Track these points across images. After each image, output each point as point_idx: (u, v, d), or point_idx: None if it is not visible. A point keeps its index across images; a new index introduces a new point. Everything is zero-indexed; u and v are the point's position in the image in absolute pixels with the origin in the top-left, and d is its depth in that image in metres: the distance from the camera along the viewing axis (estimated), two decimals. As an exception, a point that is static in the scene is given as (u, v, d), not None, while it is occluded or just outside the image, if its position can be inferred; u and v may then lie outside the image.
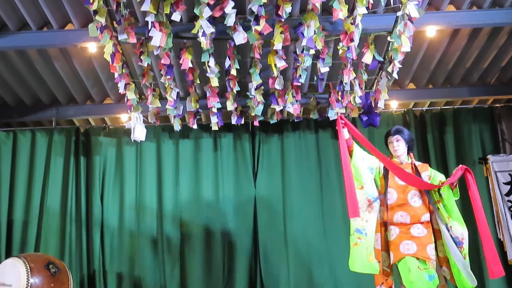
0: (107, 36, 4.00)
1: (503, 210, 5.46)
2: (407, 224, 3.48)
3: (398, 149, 3.64)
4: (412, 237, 3.42)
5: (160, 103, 5.10)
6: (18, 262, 4.03)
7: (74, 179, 5.86)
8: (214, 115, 5.24)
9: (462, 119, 5.93)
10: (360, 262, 3.45)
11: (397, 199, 3.54)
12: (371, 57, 4.35)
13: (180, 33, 4.40)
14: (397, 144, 3.64)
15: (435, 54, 5.37)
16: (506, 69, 5.71)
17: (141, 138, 5.08)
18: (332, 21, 4.30)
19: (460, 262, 3.42)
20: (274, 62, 4.33)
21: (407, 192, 3.55)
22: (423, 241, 3.41)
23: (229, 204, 5.85)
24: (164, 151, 6.00)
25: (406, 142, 3.66)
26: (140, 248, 5.72)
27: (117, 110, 5.97)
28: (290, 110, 5.17)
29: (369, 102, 5.16)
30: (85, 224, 5.75)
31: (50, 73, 5.44)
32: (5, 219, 5.67)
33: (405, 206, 3.51)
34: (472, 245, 5.53)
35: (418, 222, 3.47)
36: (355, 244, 3.48)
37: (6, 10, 4.45)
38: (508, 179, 5.55)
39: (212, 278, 5.64)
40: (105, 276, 5.65)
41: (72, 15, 4.50)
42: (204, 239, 5.76)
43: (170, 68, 4.54)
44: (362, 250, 3.46)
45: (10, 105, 5.98)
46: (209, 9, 3.73)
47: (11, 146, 5.89)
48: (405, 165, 3.64)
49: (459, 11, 4.65)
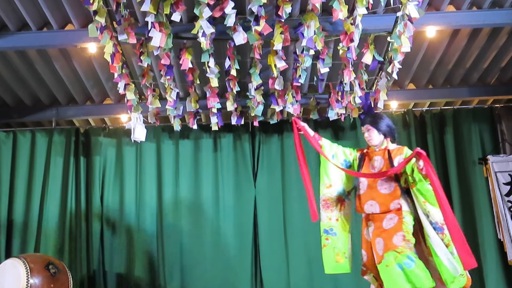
0: (107, 36, 4.00)
1: (503, 211, 5.46)
2: (379, 214, 3.30)
3: (370, 138, 3.49)
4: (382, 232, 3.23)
5: (160, 103, 5.10)
6: (18, 263, 4.03)
7: (74, 180, 5.86)
8: (214, 116, 5.24)
9: (462, 120, 5.93)
10: (329, 263, 3.41)
11: (367, 187, 3.39)
12: (371, 58, 4.35)
13: (180, 34, 4.40)
14: (368, 134, 3.50)
15: (435, 55, 5.37)
16: (506, 69, 5.71)
17: (141, 138, 5.08)
18: (332, 22, 4.30)
19: (440, 249, 3.13)
20: (274, 63, 4.33)
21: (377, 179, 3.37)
22: (390, 232, 3.20)
23: (229, 204, 5.85)
24: (164, 151, 6.00)
25: (379, 129, 3.46)
26: (140, 248, 5.72)
27: (117, 111, 5.97)
28: (290, 110, 5.17)
29: (369, 102, 5.16)
30: (85, 224, 5.74)
31: (50, 73, 5.44)
32: (5, 219, 5.66)
33: (374, 194, 3.33)
34: (471, 245, 5.56)
35: (388, 210, 3.27)
36: (324, 246, 3.44)
37: (6, 10, 4.45)
38: (508, 179, 5.55)
39: (212, 278, 5.64)
40: (105, 276, 5.65)
41: (72, 16, 4.50)
42: (204, 239, 5.76)
43: (170, 69, 4.54)
44: (329, 251, 3.41)
45: (10, 106, 5.98)
46: (209, 10, 3.73)
47: (11, 146, 5.89)
48: (378, 152, 3.45)
49: (459, 12, 4.65)
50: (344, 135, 5.98)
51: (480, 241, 5.53)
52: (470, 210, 5.66)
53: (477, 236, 5.56)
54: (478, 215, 5.61)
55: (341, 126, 5.95)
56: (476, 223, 5.59)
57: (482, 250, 5.50)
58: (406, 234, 3.17)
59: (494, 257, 5.47)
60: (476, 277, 5.50)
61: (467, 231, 5.59)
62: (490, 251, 5.49)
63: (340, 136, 5.97)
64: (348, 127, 5.98)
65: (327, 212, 3.51)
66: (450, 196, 5.72)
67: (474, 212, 5.63)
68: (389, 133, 3.49)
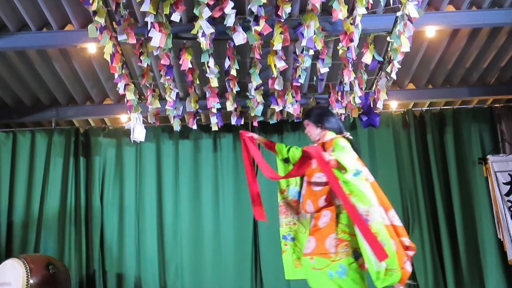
0: (106, 36, 3.99)
1: (503, 210, 5.46)
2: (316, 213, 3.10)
3: (309, 134, 3.38)
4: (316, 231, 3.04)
5: (159, 103, 5.10)
6: (18, 263, 4.03)
7: (73, 180, 5.86)
8: (213, 116, 5.24)
9: (461, 119, 5.93)
10: (288, 269, 3.35)
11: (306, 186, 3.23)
12: (371, 57, 4.35)
13: (180, 34, 4.40)
14: (307, 130, 3.38)
15: (435, 54, 5.37)
16: (506, 69, 5.71)
17: (141, 138, 5.08)
18: (332, 22, 4.30)
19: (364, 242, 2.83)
20: (273, 63, 4.33)
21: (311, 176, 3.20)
22: (323, 233, 2.98)
23: (229, 204, 5.85)
24: (164, 151, 6.00)
25: (314, 121, 3.31)
26: (139, 248, 5.72)
27: (117, 111, 5.97)
28: (289, 110, 5.18)
29: (368, 102, 5.16)
30: (85, 225, 5.74)
31: (50, 73, 5.44)
32: (5, 220, 5.66)
33: (309, 193, 3.17)
34: (471, 245, 5.58)
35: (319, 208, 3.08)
36: (283, 252, 3.38)
37: (6, 10, 4.45)
38: (508, 179, 5.55)
39: (212, 278, 5.63)
40: (105, 276, 5.65)
41: (71, 16, 4.50)
42: (204, 239, 5.76)
43: (169, 69, 4.54)
44: (288, 257, 3.35)
45: (10, 106, 5.98)
46: (208, 10, 3.73)
47: (10, 147, 5.89)
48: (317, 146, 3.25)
49: (458, 11, 4.65)
50: (344, 135, 5.98)
51: (480, 241, 5.54)
52: (470, 210, 5.66)
53: (477, 236, 5.57)
54: (478, 215, 5.61)
55: (341, 126, 5.95)
56: (476, 223, 5.59)
57: (482, 250, 5.51)
58: (341, 235, 2.95)
59: (494, 257, 5.47)
60: (476, 277, 5.51)
61: (467, 231, 5.60)
62: (490, 251, 5.49)
63: (340, 136, 5.97)
64: (348, 127, 5.97)
65: (283, 217, 3.40)
66: (450, 195, 5.73)
67: (474, 212, 5.63)
68: (327, 122, 3.28)
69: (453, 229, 5.62)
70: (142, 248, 5.73)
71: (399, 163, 5.89)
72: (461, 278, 5.50)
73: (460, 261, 5.53)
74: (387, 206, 3.01)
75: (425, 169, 5.86)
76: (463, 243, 5.56)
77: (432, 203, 5.75)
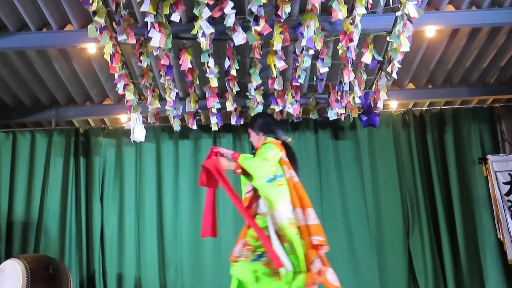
0: (106, 36, 4.00)
1: (503, 210, 5.45)
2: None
3: (252, 141, 3.45)
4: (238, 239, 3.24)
5: (159, 103, 5.10)
6: (18, 263, 4.01)
7: (73, 180, 5.85)
8: (213, 116, 5.24)
9: (461, 119, 5.92)
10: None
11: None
12: (371, 57, 4.35)
13: (180, 34, 4.40)
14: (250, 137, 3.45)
15: (435, 54, 5.37)
16: (506, 69, 5.71)
17: (141, 138, 5.08)
18: (332, 21, 4.30)
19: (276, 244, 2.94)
20: (273, 63, 4.33)
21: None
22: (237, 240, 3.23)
23: (229, 204, 5.84)
24: (164, 151, 6.00)
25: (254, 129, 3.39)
26: (140, 248, 5.72)
27: (117, 111, 5.97)
28: (289, 110, 5.18)
29: (368, 102, 5.16)
30: (85, 225, 5.74)
31: (50, 74, 5.44)
32: (5, 220, 5.65)
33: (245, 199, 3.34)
34: (471, 244, 5.58)
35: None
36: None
37: (5, 11, 4.44)
38: (508, 179, 5.54)
39: (212, 278, 5.63)
40: (105, 276, 5.64)
41: (71, 16, 4.50)
42: (204, 239, 5.75)
43: (169, 69, 4.54)
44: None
45: (10, 106, 5.97)
46: (208, 10, 3.73)
47: (10, 147, 5.88)
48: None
49: (458, 11, 4.65)
50: (343, 135, 5.99)
51: (480, 241, 5.53)
52: (470, 209, 5.66)
53: (477, 236, 5.56)
54: (478, 214, 5.61)
55: (340, 126, 5.95)
56: (476, 223, 5.59)
57: (482, 250, 5.50)
58: (249, 239, 3.11)
59: (494, 257, 5.47)
60: (476, 277, 5.51)
61: (467, 230, 5.59)
62: (490, 251, 5.49)
63: (339, 136, 5.98)
64: (348, 127, 5.98)
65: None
66: (450, 195, 5.73)
67: (474, 212, 5.63)
68: (265, 129, 3.34)
69: (453, 229, 5.62)
70: (142, 248, 5.72)
71: (399, 163, 5.89)
72: (461, 278, 5.50)
73: (460, 261, 5.52)
74: (306, 205, 3.12)
75: (425, 169, 5.85)
76: (463, 243, 5.55)
77: (432, 203, 5.74)
